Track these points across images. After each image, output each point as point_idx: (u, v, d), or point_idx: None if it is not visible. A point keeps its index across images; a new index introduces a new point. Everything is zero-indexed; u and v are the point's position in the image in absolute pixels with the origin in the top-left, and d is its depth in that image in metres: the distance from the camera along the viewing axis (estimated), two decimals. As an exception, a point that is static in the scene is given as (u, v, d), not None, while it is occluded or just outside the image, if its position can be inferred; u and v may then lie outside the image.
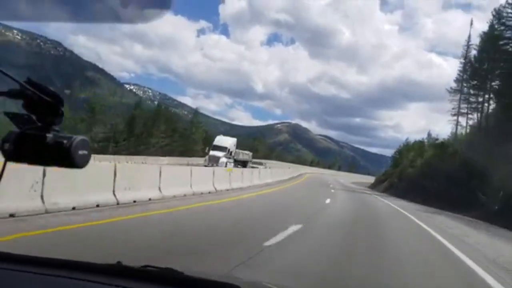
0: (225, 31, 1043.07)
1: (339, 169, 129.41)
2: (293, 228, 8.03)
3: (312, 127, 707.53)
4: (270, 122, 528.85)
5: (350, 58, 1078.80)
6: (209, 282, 1.33)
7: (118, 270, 1.32)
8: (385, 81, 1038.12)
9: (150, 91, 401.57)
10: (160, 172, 11.00)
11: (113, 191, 8.73)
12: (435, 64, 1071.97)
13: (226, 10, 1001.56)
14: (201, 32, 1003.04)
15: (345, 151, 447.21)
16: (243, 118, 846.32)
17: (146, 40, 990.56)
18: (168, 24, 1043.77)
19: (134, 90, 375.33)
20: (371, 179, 72.53)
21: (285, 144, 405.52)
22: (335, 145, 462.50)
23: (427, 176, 34.67)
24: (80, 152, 0.76)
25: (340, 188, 33.73)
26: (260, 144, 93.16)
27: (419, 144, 52.93)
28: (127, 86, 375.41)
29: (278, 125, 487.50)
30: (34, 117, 0.78)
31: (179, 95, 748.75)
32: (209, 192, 13.62)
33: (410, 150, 52.43)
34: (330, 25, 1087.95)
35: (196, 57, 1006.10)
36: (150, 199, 9.82)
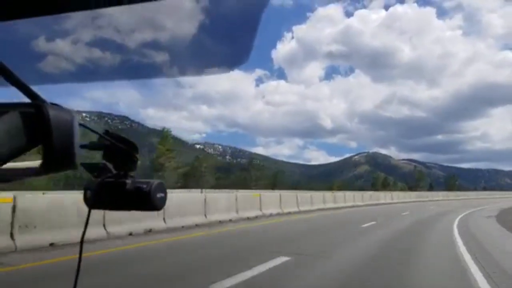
0: (281, 75, 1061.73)
1: (431, 188, 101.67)
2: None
3: (393, 153, 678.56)
4: (347, 155, 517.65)
5: (417, 74, 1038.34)
6: None
7: None
8: (460, 91, 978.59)
9: (220, 147, 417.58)
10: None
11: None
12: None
13: (279, 54, 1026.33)
14: (259, 81, 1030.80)
15: (434, 171, 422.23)
16: (319, 157, 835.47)
17: (209, 99, 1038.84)
18: (226, 81, 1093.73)
19: (204, 149, 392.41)
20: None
21: (366, 175, 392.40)
22: (422, 167, 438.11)
23: None
24: (158, 195, 0.83)
25: None
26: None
27: None
28: (197, 146, 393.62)
29: (356, 157, 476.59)
30: (110, 165, 0.84)
31: (251, 146, 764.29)
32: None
33: None
34: (388, 45, 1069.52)
35: (259, 105, 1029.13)
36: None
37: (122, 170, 0.84)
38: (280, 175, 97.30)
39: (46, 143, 0.57)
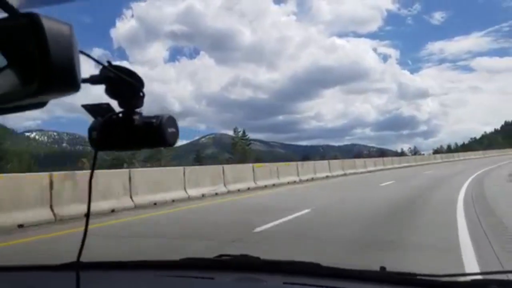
0: (123, 55, 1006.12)
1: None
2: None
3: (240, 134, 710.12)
4: (196, 138, 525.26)
5: (257, 57, 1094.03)
6: (282, 263, 1.38)
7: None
8: (296, 74, 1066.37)
9: (56, 134, 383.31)
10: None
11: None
12: (339, 47, 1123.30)
13: (119, 32, 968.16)
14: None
15: (276, 150, 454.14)
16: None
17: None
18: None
19: (37, 137, 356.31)
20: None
21: (214, 157, 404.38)
22: (266, 146, 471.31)
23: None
24: (170, 130, 0.78)
25: None
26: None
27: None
28: (27, 134, 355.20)
29: (203, 139, 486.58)
30: (116, 102, 0.77)
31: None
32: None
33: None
34: (229, 27, 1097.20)
35: (101, 88, 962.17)
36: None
37: (128, 107, 0.77)
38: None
39: (43, 57, 0.48)
